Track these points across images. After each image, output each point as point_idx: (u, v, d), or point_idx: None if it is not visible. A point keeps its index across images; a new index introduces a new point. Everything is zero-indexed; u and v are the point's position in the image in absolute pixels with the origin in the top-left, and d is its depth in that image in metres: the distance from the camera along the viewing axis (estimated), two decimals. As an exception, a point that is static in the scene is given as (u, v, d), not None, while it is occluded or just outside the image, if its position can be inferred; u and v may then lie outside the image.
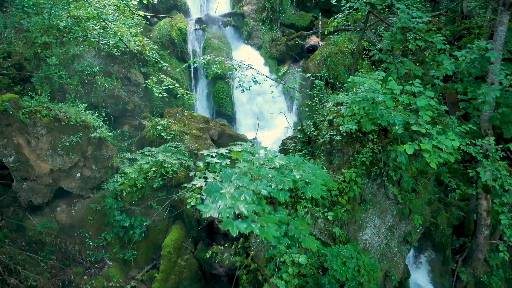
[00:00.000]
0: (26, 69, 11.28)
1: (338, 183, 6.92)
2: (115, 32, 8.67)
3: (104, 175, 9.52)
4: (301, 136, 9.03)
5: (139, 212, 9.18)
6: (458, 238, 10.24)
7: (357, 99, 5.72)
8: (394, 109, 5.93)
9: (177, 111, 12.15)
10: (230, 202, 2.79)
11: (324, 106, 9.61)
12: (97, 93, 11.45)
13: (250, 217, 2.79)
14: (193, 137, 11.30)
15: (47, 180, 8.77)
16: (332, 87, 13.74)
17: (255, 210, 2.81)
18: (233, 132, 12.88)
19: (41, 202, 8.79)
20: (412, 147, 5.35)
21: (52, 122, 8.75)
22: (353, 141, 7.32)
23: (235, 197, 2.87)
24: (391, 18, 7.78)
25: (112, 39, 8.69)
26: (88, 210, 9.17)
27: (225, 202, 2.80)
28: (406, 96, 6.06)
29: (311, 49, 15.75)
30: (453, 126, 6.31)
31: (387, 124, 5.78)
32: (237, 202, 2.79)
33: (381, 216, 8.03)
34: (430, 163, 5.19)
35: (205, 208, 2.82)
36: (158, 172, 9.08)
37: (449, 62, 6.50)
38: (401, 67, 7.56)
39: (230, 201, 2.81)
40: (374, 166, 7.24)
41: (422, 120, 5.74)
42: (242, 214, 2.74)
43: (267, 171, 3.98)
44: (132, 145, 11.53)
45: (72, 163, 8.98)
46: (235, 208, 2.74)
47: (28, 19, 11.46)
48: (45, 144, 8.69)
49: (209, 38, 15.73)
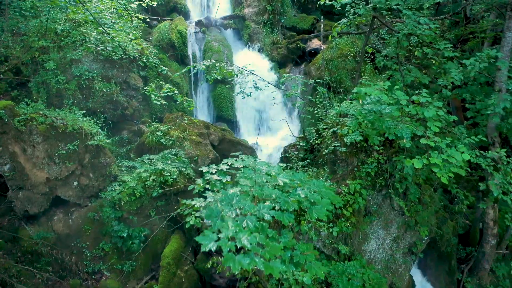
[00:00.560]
0: (23, 73, 11.08)
1: (343, 195, 6.70)
2: (113, 38, 8.44)
3: (102, 183, 9.31)
4: (303, 144, 8.81)
5: (138, 222, 8.96)
6: (464, 247, 10.01)
7: (363, 111, 5.50)
8: (400, 120, 5.71)
9: (177, 116, 11.93)
10: (232, 232, 2.58)
11: (327, 112, 9.40)
12: (95, 98, 11.24)
13: (253, 250, 2.58)
14: (193, 143, 11.09)
15: (43, 189, 8.56)
16: (334, 91, 13.53)
17: (259, 241, 2.60)
18: (233, 138, 12.66)
19: (37, 211, 8.58)
20: (421, 162, 5.13)
21: (49, 129, 8.53)
22: (358, 151, 7.11)
23: (237, 225, 2.66)
24: (396, 24, 7.56)
25: (110, 45, 8.46)
26: (86, 219, 8.96)
27: (226, 233, 2.59)
28: (413, 107, 5.85)
29: (313, 52, 15.56)
30: (462, 137, 6.09)
31: (395, 138, 5.56)
32: (239, 234, 2.58)
33: (386, 227, 7.82)
34: (441, 178, 4.97)
35: (204, 240, 2.60)
36: (157, 180, 8.87)
37: (457, 71, 6.28)
38: (407, 75, 7.35)
39: (232, 231, 2.60)
40: (379, 177, 7.03)
41: (430, 131, 5.53)
42: (244, 247, 2.53)
43: (270, 191, 3.76)
44: (131, 151, 11.32)
45: (69, 171, 8.77)
46: (237, 241, 2.52)
47: (25, 23, 11.27)
48: (41, 152, 8.48)
49: (210, 41, 15.52)
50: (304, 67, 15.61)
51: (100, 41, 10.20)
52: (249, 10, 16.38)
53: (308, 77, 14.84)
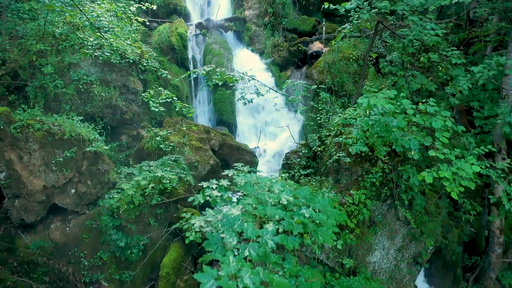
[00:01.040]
0: (21, 77, 10.90)
1: (347, 206, 6.52)
2: (110, 44, 8.26)
3: (100, 191, 9.13)
4: (306, 151, 8.62)
5: (137, 230, 8.77)
6: (469, 256, 9.83)
7: (370, 122, 5.31)
8: (407, 130, 5.52)
9: (176, 121, 11.75)
10: (234, 269, 2.40)
11: (330, 118, 9.21)
12: (94, 103, 11.05)
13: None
14: (193, 148, 10.91)
15: (40, 197, 8.38)
16: (337, 94, 13.35)
17: (263, 279, 2.41)
18: (234, 142, 12.48)
19: (34, 220, 8.40)
20: (430, 175, 4.95)
21: (45, 136, 8.35)
22: (362, 160, 6.92)
23: (239, 260, 2.47)
24: (402, 30, 7.37)
25: (108, 51, 8.27)
26: (83, 227, 8.77)
27: (227, 270, 2.40)
28: (420, 116, 5.66)
29: (314, 55, 15.37)
30: (471, 147, 5.90)
31: (402, 149, 5.37)
32: (241, 271, 2.39)
33: (391, 237, 7.63)
34: (451, 193, 4.78)
35: (203, 278, 2.41)
36: (156, 188, 8.69)
37: (465, 79, 6.09)
38: (413, 81, 7.15)
39: (233, 268, 2.41)
40: (384, 186, 6.84)
41: (439, 143, 5.34)
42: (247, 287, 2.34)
43: (273, 211, 3.58)
44: (130, 157, 11.13)
45: (67, 179, 8.59)
46: (239, 280, 2.34)
47: (23, 26, 11.08)
48: (37, 159, 8.30)
49: (210, 44, 15.35)
50: (306, 70, 15.43)
51: (99, 45, 10.02)
52: (250, 12, 16.20)
53: (310, 80, 14.66)
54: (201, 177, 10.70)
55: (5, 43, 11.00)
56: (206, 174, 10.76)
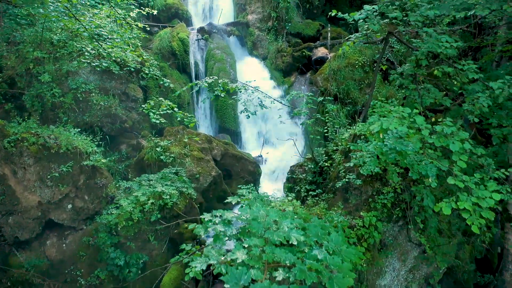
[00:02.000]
0: (17, 85, 10.58)
1: (357, 229, 6.16)
2: (109, 53, 7.92)
3: (98, 205, 8.79)
4: (312, 166, 8.26)
5: (136, 247, 8.43)
6: (481, 274, 9.44)
7: (383, 149, 4.95)
8: (423, 153, 5.16)
9: (177, 130, 11.41)
10: None
11: (337, 131, 8.84)
12: (93, 112, 10.73)
13: None
14: (195, 159, 10.56)
15: (35, 213, 8.05)
16: (342, 102, 12.99)
17: None
18: (237, 152, 12.13)
19: (29, 237, 8.07)
20: (449, 206, 4.59)
21: (41, 150, 8.02)
22: (373, 179, 6.56)
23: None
24: (414, 40, 7.01)
25: (106, 62, 7.93)
26: (80, 244, 8.43)
27: None
28: (437, 137, 5.30)
29: (319, 60, 15.02)
30: (490, 170, 5.52)
31: (419, 177, 5.01)
32: None
33: (402, 258, 7.27)
34: (472, 227, 4.42)
35: None
36: (156, 204, 8.34)
37: (485, 96, 5.72)
38: (426, 95, 6.79)
39: None
40: (396, 207, 6.48)
41: (457, 168, 4.97)
42: None
43: (283, 255, 3.23)
44: (129, 167, 10.79)
45: (63, 194, 8.25)
46: None
47: (21, 32, 10.76)
48: (32, 174, 7.97)
49: (212, 49, 14.99)
50: (310, 76, 15.07)
51: (97, 53, 9.67)
52: (253, 16, 15.85)
53: (315, 87, 14.31)
54: (203, 189, 10.37)
55: (2, 50, 10.69)
56: (207, 186, 10.43)
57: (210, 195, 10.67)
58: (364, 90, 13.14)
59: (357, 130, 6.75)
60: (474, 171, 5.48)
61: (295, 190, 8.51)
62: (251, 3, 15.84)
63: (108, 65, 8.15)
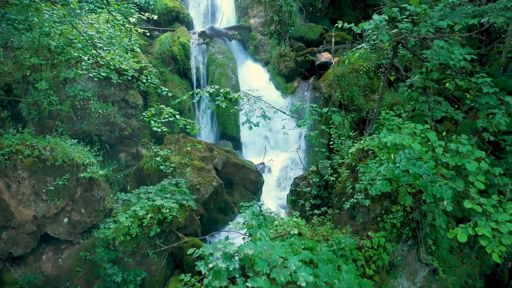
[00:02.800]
0: (14, 92, 10.30)
1: (365, 250, 5.86)
2: (107, 62, 7.64)
3: (95, 219, 8.51)
4: (316, 179, 7.96)
5: (134, 263, 8.16)
6: (492, 290, 9.12)
7: (396, 171, 4.66)
8: (437, 173, 4.87)
9: (178, 138, 11.14)
10: None
11: (343, 143, 8.54)
12: (91, 120, 10.44)
13: None
14: (195, 169, 10.28)
15: (30, 227, 7.78)
16: (346, 109, 12.68)
17: None
18: (238, 160, 11.84)
19: (23, 253, 7.79)
20: (465, 232, 4.30)
21: (36, 163, 7.74)
22: (381, 197, 6.26)
23: None
24: (424, 52, 6.71)
25: (104, 71, 7.65)
26: (77, 259, 8.16)
27: None
28: (451, 156, 5.00)
29: (322, 65, 14.73)
30: (508, 190, 5.22)
31: (432, 199, 4.72)
32: None
33: (410, 278, 6.97)
34: (492, 255, 4.13)
35: None
36: (155, 218, 8.06)
37: (501, 112, 5.42)
38: (436, 108, 6.49)
39: None
40: (406, 226, 6.18)
41: (474, 189, 4.68)
42: None
43: (291, 300, 2.95)
44: (128, 177, 10.51)
45: (58, 208, 7.98)
46: None
47: (18, 37, 10.48)
48: (27, 188, 7.70)
49: (213, 54, 14.72)
50: (313, 82, 14.79)
51: (95, 61, 9.38)
52: (255, 20, 15.56)
53: (318, 93, 14.03)
54: (204, 200, 10.09)
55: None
56: (209, 197, 10.14)
57: (211, 205, 10.38)
58: (369, 97, 12.85)
59: (365, 145, 6.45)
60: (488, 190, 5.19)
61: (299, 203, 8.22)
62: (253, 6, 15.54)
63: (107, 74, 7.85)
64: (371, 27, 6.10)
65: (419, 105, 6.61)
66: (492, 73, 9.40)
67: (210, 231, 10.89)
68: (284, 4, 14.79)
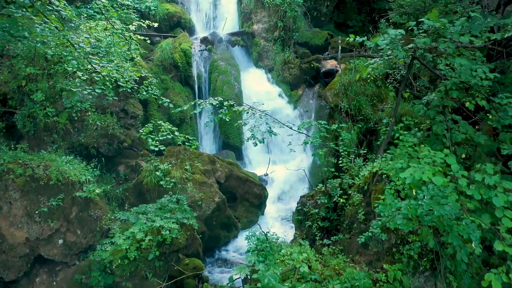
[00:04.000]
0: (9, 103, 9.91)
1: (379, 285, 5.44)
2: (103, 78, 7.23)
3: (92, 239, 8.11)
4: (325, 200, 7.53)
5: (132, 287, 7.75)
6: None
7: (418, 210, 4.23)
8: (461, 208, 4.43)
9: (179, 150, 10.71)
10: None
11: (353, 161, 8.11)
12: (88, 132, 10.03)
13: None
14: (197, 183, 9.86)
15: (23, 250, 7.38)
16: (353, 119, 12.25)
17: None
18: (241, 173, 11.41)
19: (15, 277, 7.40)
20: (499, 279, 3.85)
21: (28, 182, 7.34)
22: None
23: None
24: (440, 69, 6.28)
25: (99, 88, 7.24)
26: (72, 282, 7.76)
27: None
28: (476, 188, 4.56)
29: (328, 73, 14.28)
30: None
31: (461, 242, 4.28)
32: None
33: (426, 308, 6.54)
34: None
35: None
36: (154, 240, 7.65)
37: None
38: (455, 129, 6.05)
39: None
40: (423, 257, 5.75)
41: (503, 227, 4.24)
42: None
43: None
44: (127, 191, 10.08)
45: (53, 230, 7.58)
46: None
47: (14, 45, 10.09)
48: (19, 210, 7.30)
49: (216, 60, 14.29)
50: (318, 89, 14.35)
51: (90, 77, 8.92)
52: (259, 26, 15.12)
53: (323, 101, 13.60)
54: (206, 217, 9.67)
55: (-5, 64, 10.04)
56: (211, 213, 9.72)
57: (213, 222, 9.97)
58: (377, 106, 12.42)
59: (377, 168, 6.02)
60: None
61: (306, 224, 7.80)
62: (256, 12, 15.10)
63: (102, 91, 7.44)
64: (386, 42, 5.66)
65: (437, 125, 6.17)
66: (508, 84, 8.97)
67: (212, 248, 10.49)
68: (288, 9, 14.34)
